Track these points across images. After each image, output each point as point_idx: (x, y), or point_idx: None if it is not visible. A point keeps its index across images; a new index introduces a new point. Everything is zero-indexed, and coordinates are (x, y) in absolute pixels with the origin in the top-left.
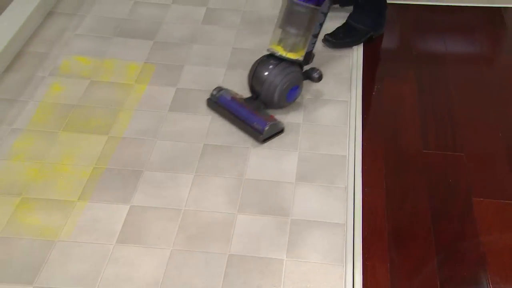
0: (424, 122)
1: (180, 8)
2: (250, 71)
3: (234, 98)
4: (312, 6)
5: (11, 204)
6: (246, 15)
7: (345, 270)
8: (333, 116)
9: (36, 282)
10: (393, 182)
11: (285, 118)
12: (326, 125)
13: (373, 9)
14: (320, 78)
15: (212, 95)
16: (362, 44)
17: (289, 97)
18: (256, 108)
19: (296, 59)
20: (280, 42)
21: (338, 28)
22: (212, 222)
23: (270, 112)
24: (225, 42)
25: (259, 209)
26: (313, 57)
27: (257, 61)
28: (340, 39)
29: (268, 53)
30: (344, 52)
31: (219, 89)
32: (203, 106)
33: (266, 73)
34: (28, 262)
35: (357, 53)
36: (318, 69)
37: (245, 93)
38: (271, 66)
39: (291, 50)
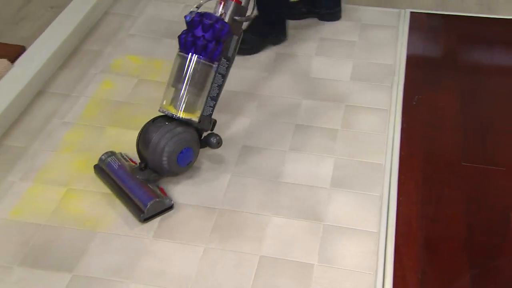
0: (464, 135)
1: None
2: (138, 134)
3: (122, 166)
4: (203, 61)
5: (57, 193)
6: None
7: (376, 279)
8: (372, 124)
9: (74, 271)
10: (429, 193)
11: (323, 123)
12: (364, 132)
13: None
14: (219, 144)
15: (100, 160)
16: (405, 52)
17: (181, 161)
18: (146, 179)
19: (189, 119)
20: (172, 101)
21: None
22: (246, 223)
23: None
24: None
25: (293, 213)
26: (214, 124)
27: (146, 123)
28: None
29: (160, 113)
30: (387, 60)
31: (109, 153)
32: (242, 109)
33: (151, 136)
34: (70, 250)
35: (399, 61)
36: (217, 135)
37: None
38: (157, 128)
39: (184, 110)
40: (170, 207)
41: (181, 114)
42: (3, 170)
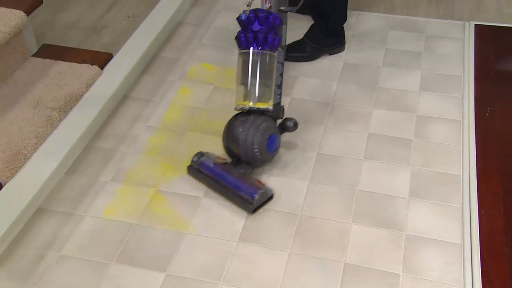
0: None
1: (296, 22)
2: (223, 134)
3: (217, 164)
4: (266, 52)
5: (146, 195)
6: None
7: None
8: (445, 134)
9: (168, 270)
10: (511, 207)
11: (396, 132)
12: (438, 143)
13: (325, 28)
14: (295, 126)
15: (192, 161)
16: (473, 64)
17: (270, 148)
18: (242, 173)
19: (266, 108)
20: (245, 97)
21: (293, 42)
22: (327, 230)
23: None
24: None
25: (373, 221)
26: (283, 111)
27: (228, 122)
28: (289, 53)
29: (236, 112)
30: (455, 71)
31: (200, 154)
32: (315, 117)
33: (238, 132)
34: (161, 250)
35: (468, 73)
36: (292, 118)
37: None
38: (241, 123)
39: (259, 100)
40: (271, 197)
41: (257, 105)
42: (96, 170)
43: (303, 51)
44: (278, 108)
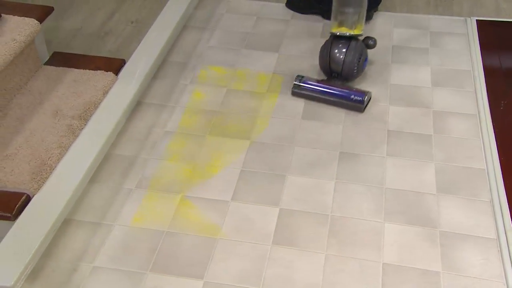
0: None
1: (299, 23)
2: (324, 55)
3: (319, 81)
4: None
5: (173, 201)
6: None
7: None
8: (463, 129)
9: (206, 277)
10: None
11: (415, 128)
12: (457, 138)
13: None
14: (375, 43)
15: (295, 84)
16: (480, 59)
17: (364, 66)
18: (342, 84)
19: (360, 34)
20: (341, 24)
21: None
22: (361, 229)
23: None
24: None
25: (405, 219)
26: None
27: (325, 45)
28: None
29: (333, 35)
30: (464, 66)
31: (300, 76)
32: (333, 115)
33: (342, 54)
34: (195, 257)
35: (477, 67)
36: (372, 37)
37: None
38: (344, 47)
39: (354, 28)
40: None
41: (355, 32)
42: (119, 178)
43: None
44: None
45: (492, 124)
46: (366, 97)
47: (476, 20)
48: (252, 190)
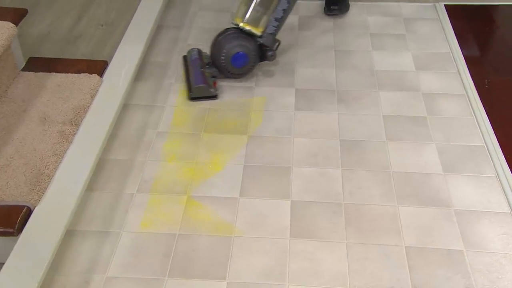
0: None
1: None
2: (213, 40)
3: (198, 59)
4: None
5: (180, 202)
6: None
7: None
8: (455, 109)
9: (228, 277)
10: None
11: (408, 112)
12: (451, 117)
13: None
14: (272, 56)
15: (188, 52)
16: (456, 41)
17: (235, 63)
18: (210, 72)
19: (253, 32)
20: (240, 14)
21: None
22: (376, 215)
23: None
24: (326, 45)
25: (418, 201)
26: (278, 45)
27: (220, 31)
28: (339, 4)
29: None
30: (442, 49)
31: (195, 49)
32: (326, 104)
33: (220, 37)
34: (213, 257)
35: (455, 49)
36: (274, 51)
37: None
38: (227, 33)
39: (247, 22)
40: (214, 96)
41: (244, 25)
42: (118, 183)
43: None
44: (271, 39)
45: (482, 102)
46: (196, 87)
47: (444, 5)
48: (259, 184)
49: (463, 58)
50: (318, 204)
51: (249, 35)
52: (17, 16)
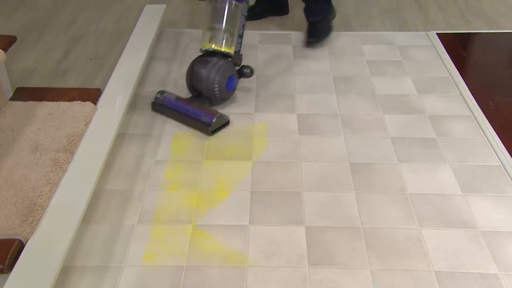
0: None
1: (268, 47)
2: (187, 71)
3: (179, 98)
4: (235, 2)
5: (185, 232)
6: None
7: None
8: (464, 130)
9: None
10: None
11: (417, 133)
12: (462, 138)
13: None
14: (251, 72)
15: (156, 98)
16: (453, 65)
17: (229, 87)
18: (201, 104)
19: (228, 52)
20: (211, 40)
21: (308, 32)
22: (398, 238)
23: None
24: (323, 71)
25: (440, 223)
26: (241, 59)
27: (192, 61)
28: (316, 37)
29: (201, 53)
30: (440, 73)
31: (162, 92)
32: (330, 128)
33: (202, 70)
34: None
35: (454, 73)
36: (248, 66)
37: None
38: (205, 62)
39: (224, 44)
40: (227, 123)
41: (223, 48)
42: (117, 214)
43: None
44: (238, 55)
45: (490, 123)
46: (215, 119)
47: (436, 33)
48: (269, 210)
49: (464, 82)
50: (335, 229)
51: (225, 56)
52: (5, 42)
